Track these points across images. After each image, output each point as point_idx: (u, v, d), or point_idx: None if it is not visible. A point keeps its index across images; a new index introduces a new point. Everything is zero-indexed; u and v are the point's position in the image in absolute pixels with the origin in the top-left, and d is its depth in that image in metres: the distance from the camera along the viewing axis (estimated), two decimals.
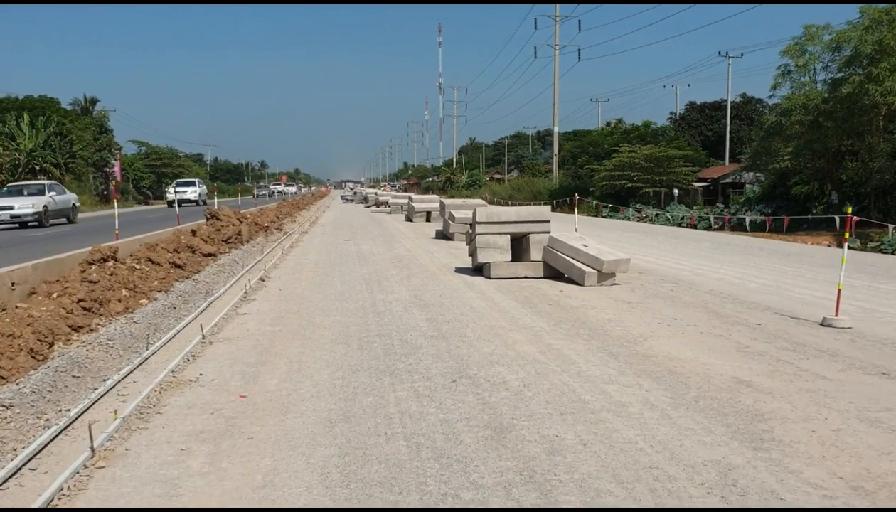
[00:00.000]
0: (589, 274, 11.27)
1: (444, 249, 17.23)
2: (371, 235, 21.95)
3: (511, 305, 9.60)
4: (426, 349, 7.09)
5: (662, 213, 40.30)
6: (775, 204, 38.14)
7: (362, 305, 9.72)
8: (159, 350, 7.21)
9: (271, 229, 21.50)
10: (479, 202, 20.54)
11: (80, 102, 77.93)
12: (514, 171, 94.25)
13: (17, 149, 52.96)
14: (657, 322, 8.45)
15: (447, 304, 9.70)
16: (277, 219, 25.96)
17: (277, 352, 7.10)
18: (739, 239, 22.58)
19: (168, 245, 12.90)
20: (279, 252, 16.51)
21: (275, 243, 18.66)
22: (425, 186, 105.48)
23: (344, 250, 17.25)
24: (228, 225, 17.19)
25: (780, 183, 38.26)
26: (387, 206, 41.68)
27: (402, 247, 18.05)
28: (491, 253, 12.16)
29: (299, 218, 30.98)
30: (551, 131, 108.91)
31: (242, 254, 15.07)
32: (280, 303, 9.92)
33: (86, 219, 34.78)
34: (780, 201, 37.89)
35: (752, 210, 38.26)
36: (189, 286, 10.50)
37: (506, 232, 12.25)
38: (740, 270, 13.48)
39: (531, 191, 58.98)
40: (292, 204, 37.42)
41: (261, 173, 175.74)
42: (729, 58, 59.33)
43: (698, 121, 62.42)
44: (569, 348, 7.11)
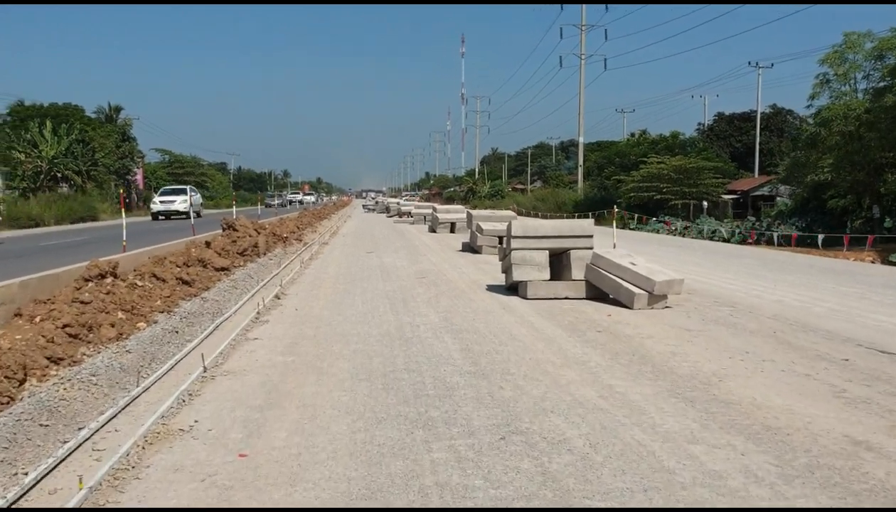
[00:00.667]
0: (639, 296, 10.09)
1: (473, 264, 16.10)
2: (394, 247, 20.88)
3: (556, 332, 8.45)
4: (464, 390, 5.95)
5: (693, 226, 39.00)
6: (809, 217, 36.73)
7: (387, 329, 8.60)
8: (151, 386, 6.13)
9: (290, 240, 20.48)
10: (508, 214, 19.41)
11: (105, 110, 77.83)
12: (538, 182, 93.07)
13: (39, 156, 52.54)
14: (727, 356, 7.26)
15: (482, 329, 8.56)
16: (297, 229, 24.97)
17: (288, 391, 6.00)
18: (782, 255, 21.27)
19: (177, 258, 11.88)
20: (297, 265, 15.45)
21: (293, 255, 17.62)
22: (447, 196, 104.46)
23: (366, 264, 16.18)
24: (245, 236, 16.18)
25: (813, 196, 36.90)
26: (409, 217, 40.64)
27: (427, 260, 16.94)
28: (528, 270, 11.02)
29: (320, 228, 29.99)
30: (575, 141, 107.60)
31: (258, 267, 14.03)
32: (295, 326, 8.83)
33: (105, 227, 34.03)
34: (814, 215, 36.44)
35: (785, 224, 36.92)
36: (196, 306, 9.45)
37: (544, 248, 11.11)
38: (797, 291, 12.25)
39: (555, 202, 57.77)
40: (313, 214, 36.47)
41: (283, 182, 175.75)
42: (759, 68, 57.89)
43: (727, 132, 60.94)
44: (634, 392, 5.95)
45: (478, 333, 8.31)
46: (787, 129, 62.19)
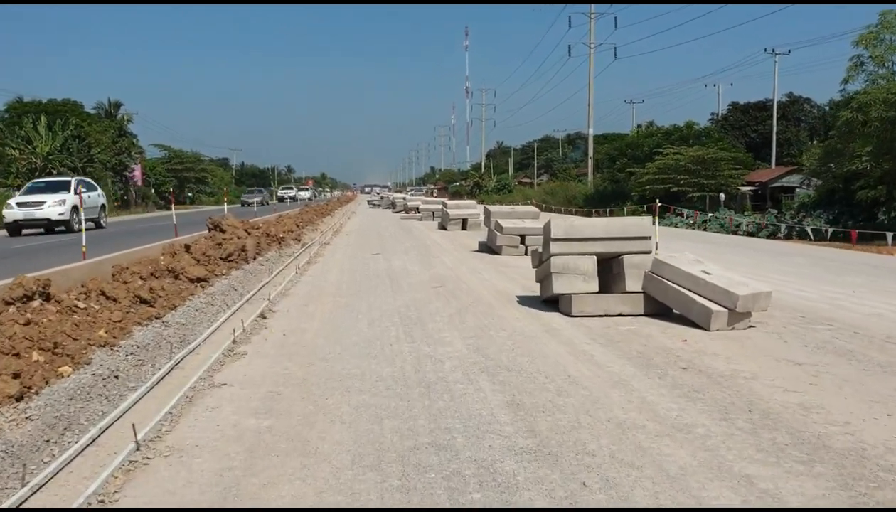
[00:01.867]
0: (717, 314, 7.90)
1: (494, 268, 13.92)
2: (403, 247, 18.69)
3: (626, 369, 6.26)
4: (529, 491, 3.78)
5: (713, 219, 36.79)
6: (836, 209, 34.59)
7: (401, 366, 6.43)
8: (47, 483, 3.98)
9: (287, 240, 18.31)
10: (529, 209, 17.23)
11: (104, 106, 75.81)
12: (544, 176, 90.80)
13: (32, 152, 50.47)
14: (883, 410, 5.09)
15: (527, 366, 6.38)
16: (297, 227, 22.78)
17: (254, 494, 3.84)
18: (828, 251, 19.01)
19: (142, 268, 9.72)
20: (292, 271, 13.28)
21: (289, 259, 15.45)
22: (453, 191, 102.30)
23: (372, 268, 14.01)
24: (233, 238, 14.01)
25: (839, 187, 34.90)
26: (417, 213, 38.45)
27: (441, 264, 14.76)
28: (571, 281, 8.83)
29: (322, 226, 27.81)
30: (582, 134, 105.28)
31: (245, 276, 11.86)
32: (279, 361, 6.66)
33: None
34: (840, 207, 34.34)
35: (810, 216, 34.79)
36: (153, 334, 7.27)
37: (591, 252, 8.91)
38: (886, 300, 10.06)
39: (565, 195, 55.58)
40: (315, 210, 34.31)
41: (287, 178, 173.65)
42: (775, 55, 55.53)
43: (742, 122, 58.67)
44: (789, 490, 3.77)
45: (523, 373, 6.13)
46: (805, 118, 59.92)
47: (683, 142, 47.44)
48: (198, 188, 77.97)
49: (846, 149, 28.97)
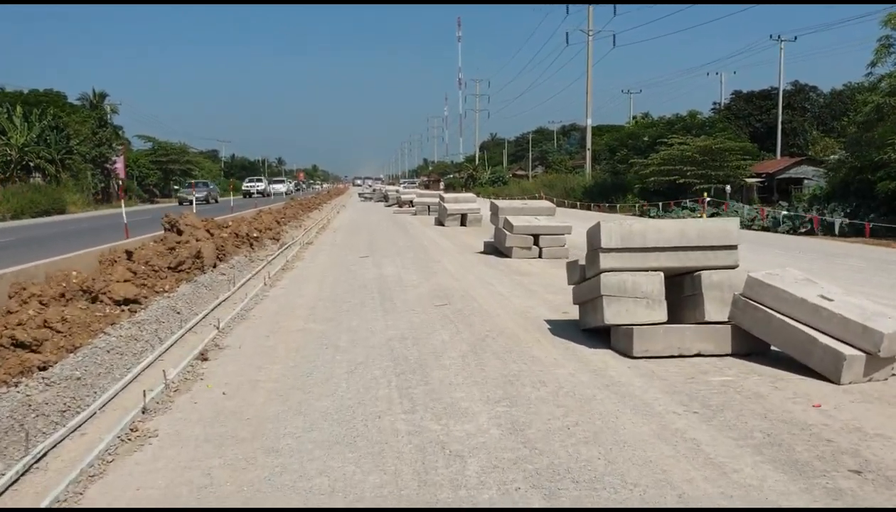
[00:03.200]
0: (851, 361, 5.41)
1: (506, 276, 11.40)
2: (396, 248, 16.13)
3: (766, 477, 3.73)
4: None
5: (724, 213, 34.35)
6: (854, 202, 32.24)
7: (395, 471, 3.87)
8: None
9: (262, 240, 15.73)
10: (543, 204, 14.68)
11: (89, 97, 72.86)
12: (539, 168, 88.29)
13: (7, 143, 47.64)
14: None
15: (603, 469, 3.84)
16: (277, 224, 20.20)
17: None
18: (875, 251, 16.54)
19: (50, 288, 7.17)
20: (260, 282, 10.73)
21: (261, 264, 12.88)
22: (446, 183, 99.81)
23: (359, 277, 11.47)
24: (190, 240, 11.46)
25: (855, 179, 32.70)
26: (410, 207, 35.87)
27: (443, 270, 12.22)
28: (630, 307, 6.31)
29: (307, 222, 25.19)
30: (577, 125, 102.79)
31: (196, 291, 9.30)
32: (200, 459, 4.11)
33: (67, 221, 29.30)
34: (857, 199, 32.05)
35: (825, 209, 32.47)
36: (19, 401, 4.72)
37: (657, 267, 6.40)
38: None
39: (564, 187, 53.06)
40: (300, 204, 31.69)
41: (278, 170, 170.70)
42: (781, 42, 52.99)
43: (745, 111, 56.15)
44: None
45: (601, 488, 3.62)
46: (811, 107, 57.46)
47: (687, 132, 44.98)
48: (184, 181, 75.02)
49: (871, 137, 26.56)
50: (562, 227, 13.76)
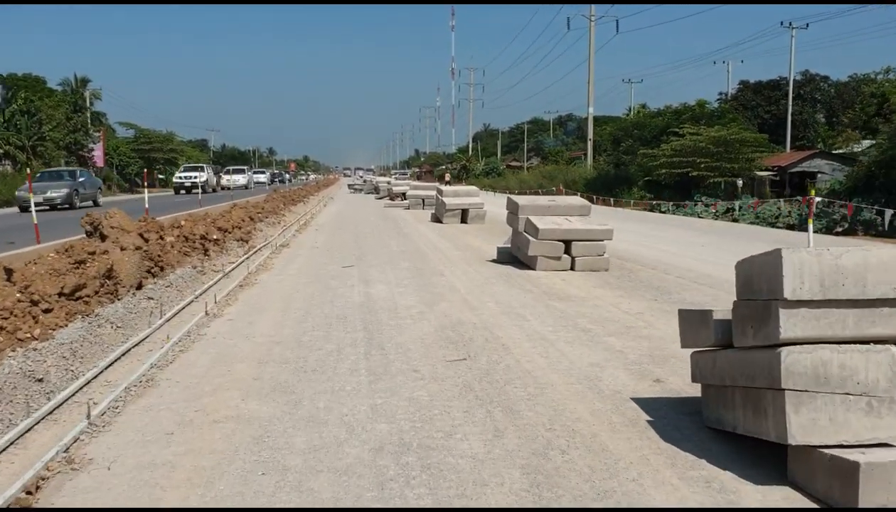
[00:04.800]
0: None
1: (540, 300, 8.31)
2: (388, 254, 13.03)
3: None
4: None
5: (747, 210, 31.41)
6: (884, 197, 29.43)
7: None
8: None
9: (224, 243, 12.62)
10: (575, 201, 11.55)
11: (70, 83, 69.33)
12: (534, 159, 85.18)
13: None
14: None
15: None
16: (250, 220, 17.07)
17: None
18: None
19: None
20: (200, 311, 7.61)
21: (214, 278, 9.77)
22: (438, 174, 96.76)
23: (338, 302, 8.38)
24: (113, 249, 8.37)
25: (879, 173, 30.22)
26: (402, 199, 32.76)
27: (450, 289, 9.13)
28: (837, 413, 3.25)
29: (287, 217, 22.00)
30: (573, 116, 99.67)
31: (91, 332, 6.17)
32: None
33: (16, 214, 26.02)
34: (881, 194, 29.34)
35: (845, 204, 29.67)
36: None
37: (887, 338, 3.36)
38: None
39: (564, 180, 49.93)
40: (284, 197, 28.51)
41: (269, 160, 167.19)
42: (792, 29, 49.96)
43: (753, 102, 53.11)
44: None
45: None
46: (822, 98, 54.50)
47: (695, 122, 41.97)
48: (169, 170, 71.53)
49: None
50: (600, 230, 10.69)
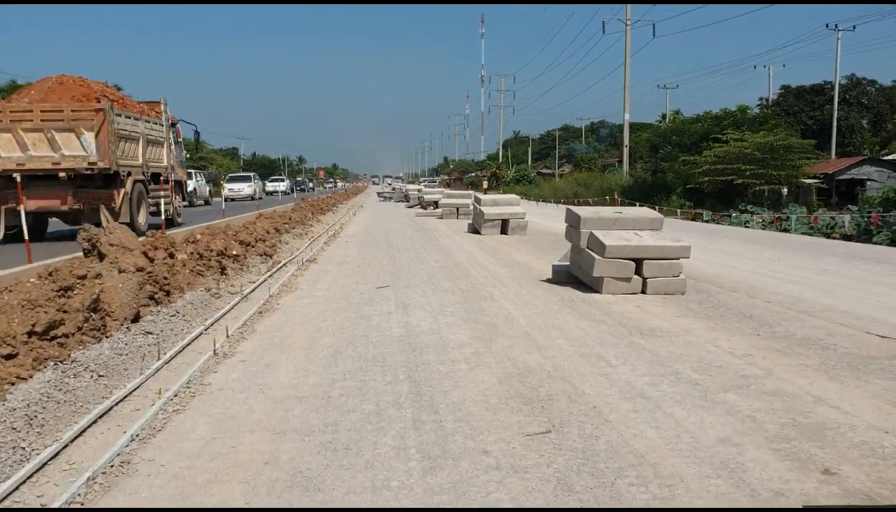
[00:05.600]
0: None
1: (621, 337, 6.79)
2: (427, 271, 11.58)
3: None
4: None
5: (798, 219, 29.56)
6: None
7: None
8: None
9: (245, 259, 11.26)
10: (646, 214, 9.98)
11: None
12: (566, 166, 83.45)
13: None
14: None
15: None
16: (275, 232, 15.73)
17: None
18: None
19: None
20: (207, 350, 6.19)
21: (230, 302, 8.38)
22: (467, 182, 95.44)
23: (373, 337, 6.93)
24: (109, 272, 7.01)
25: None
26: (435, 208, 31.36)
27: (507, 318, 7.64)
28: None
29: (314, 228, 20.65)
30: (605, 123, 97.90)
31: (61, 387, 4.76)
32: None
33: None
34: None
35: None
36: None
37: None
38: None
39: (600, 187, 48.26)
40: (312, 205, 27.22)
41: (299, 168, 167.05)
42: (838, 31, 47.94)
43: (796, 107, 51.03)
44: None
45: None
46: (869, 103, 52.27)
47: (736, 127, 40.09)
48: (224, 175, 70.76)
49: None
50: (676, 247, 9.14)
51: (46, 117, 15.46)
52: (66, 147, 15.52)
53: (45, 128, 15.39)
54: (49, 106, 15.79)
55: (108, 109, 15.71)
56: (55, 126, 15.46)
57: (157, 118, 19.67)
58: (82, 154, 15.55)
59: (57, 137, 15.49)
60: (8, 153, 15.34)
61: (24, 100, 16.73)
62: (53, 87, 16.93)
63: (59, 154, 15.52)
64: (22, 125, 15.35)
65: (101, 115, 15.54)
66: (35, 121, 15.39)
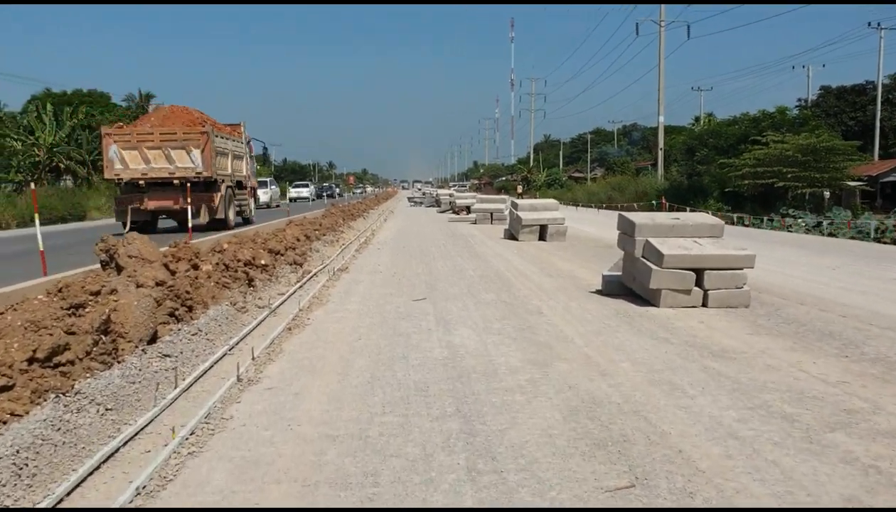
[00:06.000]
0: None
1: (692, 359, 6.02)
2: (466, 281, 10.88)
3: None
4: None
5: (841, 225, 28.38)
6: None
7: None
8: None
9: (274, 268, 10.65)
10: (705, 220, 9.13)
11: (135, 98, 69.56)
12: (598, 170, 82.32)
13: (34, 143, 43.76)
14: None
15: None
16: (306, 239, 15.14)
17: None
18: None
19: None
20: (230, 374, 5.54)
21: (258, 316, 7.76)
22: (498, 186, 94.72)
23: (413, 361, 6.24)
24: (127, 286, 6.41)
25: None
26: (467, 213, 30.67)
27: (559, 336, 6.90)
28: None
29: (345, 234, 20.05)
30: (637, 126, 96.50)
31: (51, 428, 4.12)
32: None
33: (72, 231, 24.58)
34: None
35: None
36: None
37: None
38: None
39: (635, 191, 47.22)
40: (343, 211, 26.67)
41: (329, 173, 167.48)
42: (881, 30, 46.42)
43: (836, 108, 49.53)
44: None
45: None
46: None
47: (775, 129, 38.85)
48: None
49: None
50: (740, 256, 8.35)
51: (164, 138, 19.61)
52: (178, 161, 19.56)
53: (163, 146, 19.54)
54: (165, 129, 20.03)
55: (210, 132, 19.76)
56: (170, 145, 19.57)
57: (238, 137, 23.77)
58: (191, 166, 19.54)
59: (172, 153, 19.57)
60: (135, 166, 19.53)
61: (146, 125, 21.02)
62: (168, 115, 21.44)
63: (174, 166, 19.53)
64: (145, 144, 19.54)
65: (205, 136, 19.62)
66: (155, 141, 19.57)
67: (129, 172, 19.54)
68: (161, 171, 19.56)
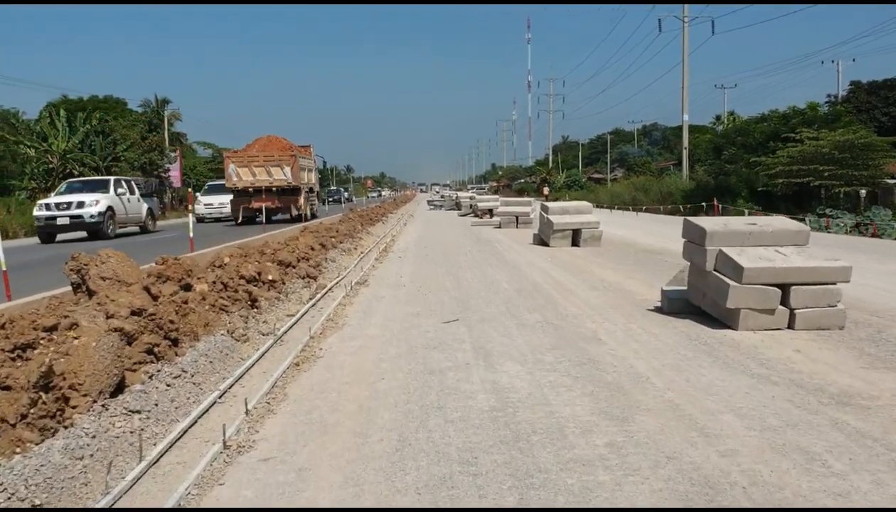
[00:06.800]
0: None
1: (803, 403, 4.65)
2: (502, 297, 9.51)
3: None
4: None
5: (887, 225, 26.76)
6: None
7: None
8: None
9: (282, 284, 9.36)
10: (787, 226, 7.69)
11: (151, 103, 68.82)
12: (618, 170, 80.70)
13: (48, 150, 42.89)
14: None
15: None
16: (321, 248, 13.85)
17: None
18: None
19: None
20: (218, 430, 4.23)
21: (260, 347, 6.46)
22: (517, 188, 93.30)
23: (454, 410, 4.91)
24: (95, 316, 5.12)
25: None
26: (490, 216, 29.32)
27: (630, 373, 5.54)
28: None
29: (364, 242, 18.74)
30: (658, 125, 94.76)
31: None
32: None
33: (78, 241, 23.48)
34: None
35: None
36: None
37: None
38: None
39: (660, 192, 45.64)
40: (361, 216, 25.40)
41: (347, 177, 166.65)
42: None
43: (868, 104, 47.70)
44: None
45: None
46: None
47: (807, 126, 37.16)
48: None
49: None
50: (832, 268, 6.96)
51: (266, 159, 28.49)
52: (275, 174, 28.28)
53: (265, 164, 28.35)
54: (267, 153, 28.90)
55: (297, 155, 29.09)
56: (269, 163, 28.38)
57: (309, 156, 33.00)
58: (284, 178, 28.35)
59: (270, 169, 28.27)
60: (246, 178, 28.32)
61: (252, 149, 29.72)
62: (266, 143, 30.03)
63: (272, 178, 28.21)
64: (252, 163, 28.43)
65: (293, 158, 28.70)
66: (259, 161, 28.46)
67: (242, 183, 28.34)
68: (263, 182, 28.10)
